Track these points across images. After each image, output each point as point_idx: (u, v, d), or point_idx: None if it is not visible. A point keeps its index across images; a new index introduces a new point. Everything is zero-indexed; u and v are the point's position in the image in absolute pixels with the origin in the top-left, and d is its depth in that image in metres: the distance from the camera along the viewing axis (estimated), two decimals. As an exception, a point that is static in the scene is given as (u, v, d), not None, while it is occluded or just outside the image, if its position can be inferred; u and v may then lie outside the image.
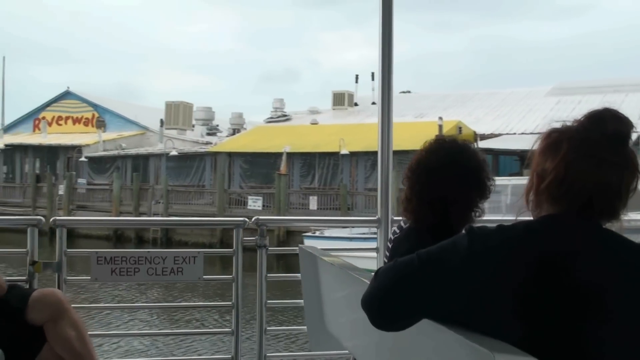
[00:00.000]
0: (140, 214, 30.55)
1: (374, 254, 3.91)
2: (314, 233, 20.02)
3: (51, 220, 3.78)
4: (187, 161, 34.56)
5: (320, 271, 2.79)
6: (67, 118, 44.64)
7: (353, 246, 14.77)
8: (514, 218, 1.53)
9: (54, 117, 44.92)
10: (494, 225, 1.46)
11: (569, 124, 1.52)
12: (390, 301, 1.46)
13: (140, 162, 36.77)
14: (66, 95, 45.55)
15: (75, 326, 3.03)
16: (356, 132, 29.19)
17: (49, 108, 45.71)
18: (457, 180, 2.23)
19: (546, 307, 1.35)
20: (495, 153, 26.08)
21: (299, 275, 3.10)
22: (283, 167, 28.96)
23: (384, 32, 3.61)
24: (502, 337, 1.29)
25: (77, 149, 38.52)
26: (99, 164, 37.92)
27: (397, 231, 2.49)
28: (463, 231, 1.46)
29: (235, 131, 40.32)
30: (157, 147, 37.29)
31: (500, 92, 37.41)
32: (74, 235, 30.02)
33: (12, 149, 41.26)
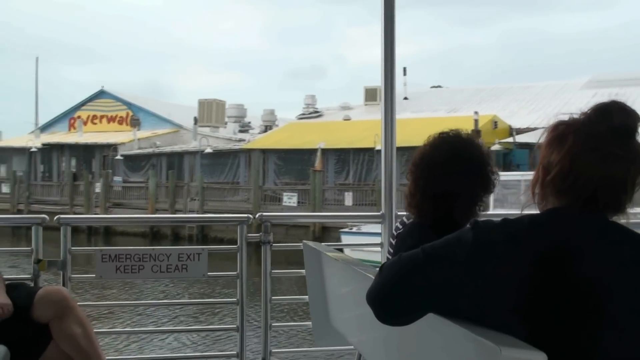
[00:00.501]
0: (176, 211, 30.84)
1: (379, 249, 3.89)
2: (351, 229, 19.91)
3: (55, 218, 3.72)
4: (221, 158, 34.77)
5: (325, 267, 2.81)
6: (101, 117, 45.19)
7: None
8: (519, 212, 1.52)
9: (89, 116, 45.50)
10: (499, 219, 1.46)
11: (576, 116, 1.51)
12: (395, 296, 1.46)
13: (175, 160, 37.09)
14: (101, 94, 46.09)
15: (80, 323, 3.03)
16: (390, 127, 29.08)
17: (84, 107, 46.29)
18: (461, 175, 2.22)
19: (549, 302, 1.35)
20: (532, 147, 25.82)
21: (303, 271, 3.10)
22: (318, 164, 29.01)
23: (386, 29, 3.56)
24: (506, 331, 1.29)
25: (113, 147, 39.00)
26: (134, 161, 38.33)
27: (400, 226, 2.48)
28: (468, 225, 1.46)
29: (267, 128, 40.45)
30: (192, 145, 37.60)
31: (534, 86, 37.00)
32: (110, 233, 30.53)
33: (49, 148, 41.91)
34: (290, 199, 28.28)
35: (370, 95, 40.24)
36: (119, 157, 37.87)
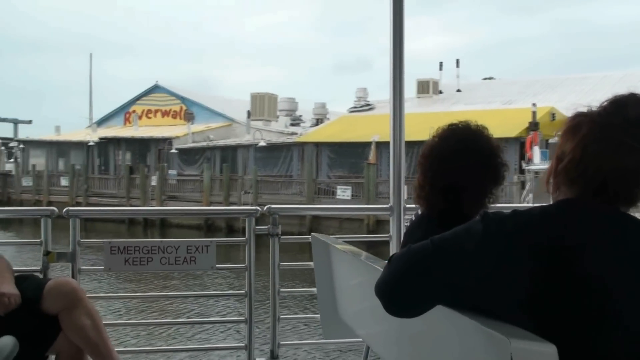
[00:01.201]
0: (230, 204, 31.15)
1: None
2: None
3: (64, 210, 3.71)
4: (274, 152, 34.99)
5: (333, 259, 2.80)
6: (156, 111, 46.02)
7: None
8: (529, 205, 1.49)
9: (143, 110, 46.40)
10: (509, 210, 1.45)
11: (594, 108, 1.50)
12: (404, 287, 1.46)
13: (229, 153, 37.47)
14: (155, 89, 46.95)
15: (90, 315, 3.01)
16: (444, 120, 27.87)
17: (138, 102, 47.25)
18: (470, 167, 2.19)
19: (557, 295, 1.33)
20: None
21: (311, 263, 3.09)
22: (372, 157, 28.90)
23: (395, 19, 3.46)
24: (515, 323, 1.28)
25: (168, 141, 39.62)
26: (189, 155, 38.89)
27: (414, 219, 2.46)
28: (477, 217, 1.44)
29: (318, 121, 40.49)
30: (245, 138, 37.93)
31: (592, 76, 36.06)
32: (165, 225, 31.05)
33: (105, 142, 42.83)
34: (344, 192, 28.27)
35: (422, 87, 39.87)
36: (173, 150, 38.46)
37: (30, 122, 69.06)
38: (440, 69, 41.38)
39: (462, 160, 2.20)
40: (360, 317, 2.50)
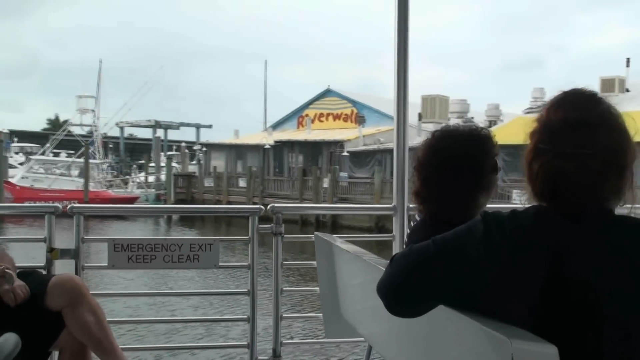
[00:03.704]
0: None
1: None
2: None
3: (68, 207, 3.70)
4: (446, 154, 34.44)
5: (336, 258, 2.81)
6: (328, 115, 47.23)
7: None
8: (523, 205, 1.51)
9: (316, 114, 47.79)
10: (508, 210, 1.46)
11: (541, 112, 1.50)
12: (406, 287, 1.47)
13: (400, 156, 37.42)
14: (327, 93, 48.24)
15: (93, 311, 2.99)
16: (631, 120, 26.77)
17: (311, 106, 48.76)
18: (466, 169, 2.17)
19: (555, 296, 1.33)
20: None
21: (314, 262, 3.10)
22: (552, 160, 27.62)
23: (400, 19, 3.37)
24: (516, 323, 1.28)
25: (340, 144, 40.40)
26: (359, 158, 39.45)
27: (418, 219, 2.44)
28: (478, 216, 1.45)
29: (491, 123, 39.29)
30: (416, 141, 37.56)
31: None
32: (337, 226, 31.57)
33: (280, 145, 44.66)
34: (521, 196, 27.18)
35: (606, 86, 37.34)
36: (345, 153, 39.15)
37: (210, 126, 73.89)
38: (627, 65, 38.56)
39: (457, 162, 2.19)
40: (363, 317, 2.51)
